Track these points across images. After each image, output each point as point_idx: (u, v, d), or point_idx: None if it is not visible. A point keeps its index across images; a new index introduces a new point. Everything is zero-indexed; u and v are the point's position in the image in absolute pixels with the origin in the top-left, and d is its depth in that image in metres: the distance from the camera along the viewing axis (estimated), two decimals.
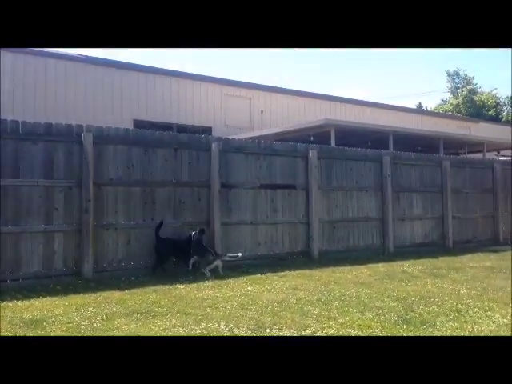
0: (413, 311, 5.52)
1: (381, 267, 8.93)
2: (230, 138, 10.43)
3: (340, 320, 5.12)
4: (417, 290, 6.76)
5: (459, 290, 6.77)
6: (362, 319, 5.16)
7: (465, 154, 21.51)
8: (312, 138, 15.86)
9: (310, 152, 10.26)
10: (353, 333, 4.64)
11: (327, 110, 23.85)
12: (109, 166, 7.99)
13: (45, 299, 6.09)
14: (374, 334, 4.60)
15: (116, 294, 6.40)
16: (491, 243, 12.92)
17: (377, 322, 5.03)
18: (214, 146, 8.97)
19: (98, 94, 18.60)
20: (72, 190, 7.62)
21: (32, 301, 6.00)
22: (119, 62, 19.97)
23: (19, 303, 5.88)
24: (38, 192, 7.34)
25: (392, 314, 5.35)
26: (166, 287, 6.86)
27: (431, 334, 4.60)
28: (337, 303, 5.93)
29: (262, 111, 22.51)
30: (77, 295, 6.33)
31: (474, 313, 5.48)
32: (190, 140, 8.98)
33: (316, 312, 5.47)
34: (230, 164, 9.26)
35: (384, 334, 4.61)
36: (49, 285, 6.88)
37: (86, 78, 18.44)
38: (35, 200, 7.31)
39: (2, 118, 7.52)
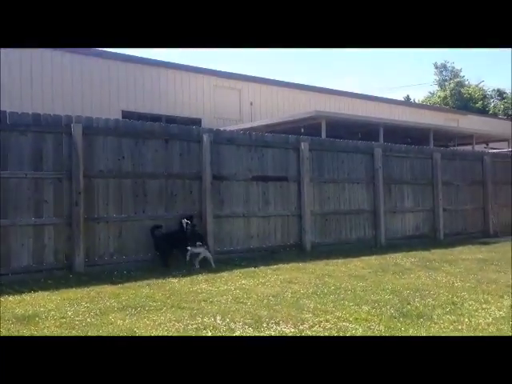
0: (409, 304, 5.50)
1: (374, 260, 8.92)
2: (221, 129, 10.32)
3: (337, 313, 5.08)
4: (411, 283, 6.75)
5: (453, 283, 6.78)
6: (358, 312, 5.13)
7: (454, 146, 21.62)
8: (303, 130, 15.82)
9: (302, 144, 10.20)
10: (350, 326, 4.61)
11: (317, 101, 23.79)
12: (99, 157, 7.86)
13: (36, 294, 5.97)
14: (372, 328, 4.56)
15: (109, 289, 6.30)
16: (481, 235, 13.01)
17: (373, 316, 5.00)
18: (205, 138, 8.86)
19: (85, 85, 18.31)
20: (62, 182, 7.47)
21: (23, 295, 5.88)
22: (106, 51, 19.63)
23: (10, 298, 5.76)
24: (27, 184, 7.19)
25: (388, 307, 5.32)
26: (160, 281, 6.77)
27: (429, 328, 4.58)
28: (332, 296, 5.89)
29: (251, 103, 22.36)
30: (69, 290, 6.21)
31: (470, 305, 5.47)
32: (181, 131, 8.86)
33: (312, 305, 5.43)
34: (221, 156, 9.17)
35: (382, 327, 4.58)
36: (40, 279, 6.75)
37: (73, 68, 18.14)
38: (24, 192, 7.16)
39: None
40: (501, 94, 51.84)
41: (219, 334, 4.36)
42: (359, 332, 4.45)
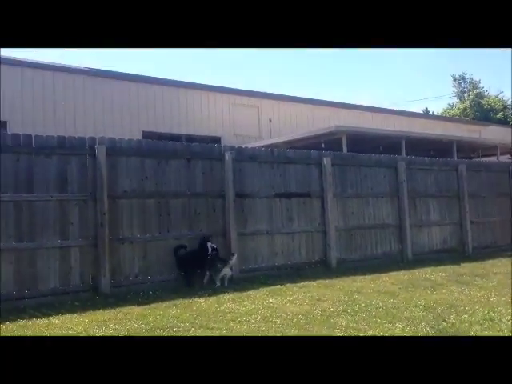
0: (444, 321, 5.32)
1: (402, 275, 8.71)
2: (243, 146, 10.30)
3: (370, 332, 4.93)
4: (444, 299, 6.55)
5: (488, 298, 6.55)
6: (392, 330, 4.97)
7: (478, 157, 21.27)
8: (323, 146, 15.70)
9: (324, 159, 10.10)
10: None
11: (336, 116, 23.68)
12: (123, 178, 7.87)
13: (64, 316, 5.94)
14: None
15: (136, 310, 6.24)
16: (510, 248, 12.63)
17: (408, 333, 4.83)
18: (227, 156, 8.83)
19: (106, 107, 18.57)
20: (87, 203, 7.49)
21: (51, 318, 5.84)
22: (127, 73, 19.95)
23: (38, 321, 5.73)
24: (52, 206, 7.22)
25: (423, 325, 5.14)
26: (186, 301, 6.69)
27: None
28: (363, 314, 5.74)
29: (270, 120, 22.38)
30: (96, 311, 6.17)
31: (508, 321, 5.26)
32: (203, 150, 8.86)
33: (343, 324, 5.28)
34: (243, 173, 9.11)
35: None
36: (67, 301, 6.73)
37: (94, 90, 18.44)
38: (50, 215, 7.18)
39: (13, 132, 7.42)
40: None
41: None
42: None
